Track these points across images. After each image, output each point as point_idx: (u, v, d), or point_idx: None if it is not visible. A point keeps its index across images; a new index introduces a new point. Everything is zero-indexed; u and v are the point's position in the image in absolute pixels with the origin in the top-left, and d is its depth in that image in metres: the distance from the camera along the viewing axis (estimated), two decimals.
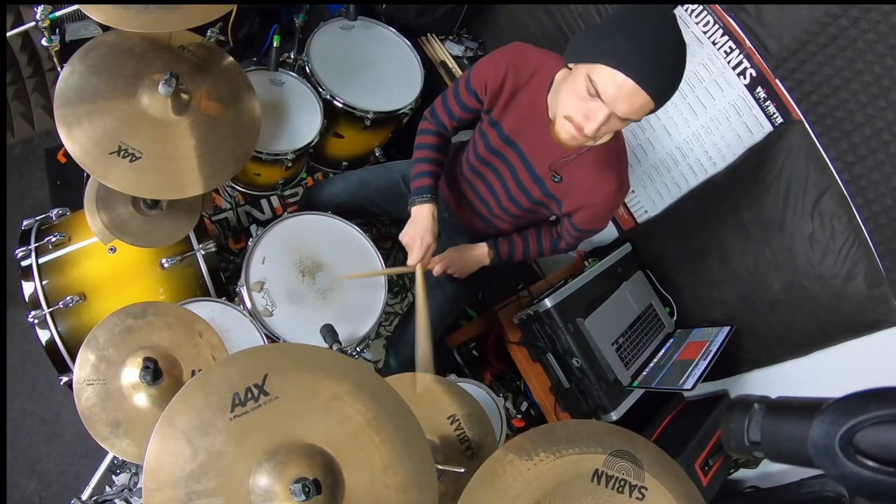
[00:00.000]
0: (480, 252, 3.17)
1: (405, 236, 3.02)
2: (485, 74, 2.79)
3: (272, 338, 2.98)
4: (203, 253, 3.14)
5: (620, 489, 1.96)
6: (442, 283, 3.34)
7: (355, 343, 3.11)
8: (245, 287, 3.03)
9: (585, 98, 2.30)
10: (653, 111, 2.29)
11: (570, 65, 2.39)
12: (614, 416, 3.44)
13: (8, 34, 3.14)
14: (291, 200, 4.58)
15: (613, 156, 2.72)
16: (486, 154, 3.00)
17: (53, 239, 2.95)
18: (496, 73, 2.74)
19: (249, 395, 1.76)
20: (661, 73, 2.20)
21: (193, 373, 2.38)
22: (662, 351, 3.78)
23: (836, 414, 1.59)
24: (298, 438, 1.78)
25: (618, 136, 2.72)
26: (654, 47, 2.17)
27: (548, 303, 3.45)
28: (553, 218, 3.17)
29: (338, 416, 1.84)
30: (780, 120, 3.17)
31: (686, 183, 3.70)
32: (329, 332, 2.82)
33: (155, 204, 2.96)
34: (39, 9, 2.72)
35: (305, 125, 3.80)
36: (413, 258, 2.96)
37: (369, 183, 3.60)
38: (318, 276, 3.19)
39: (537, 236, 3.19)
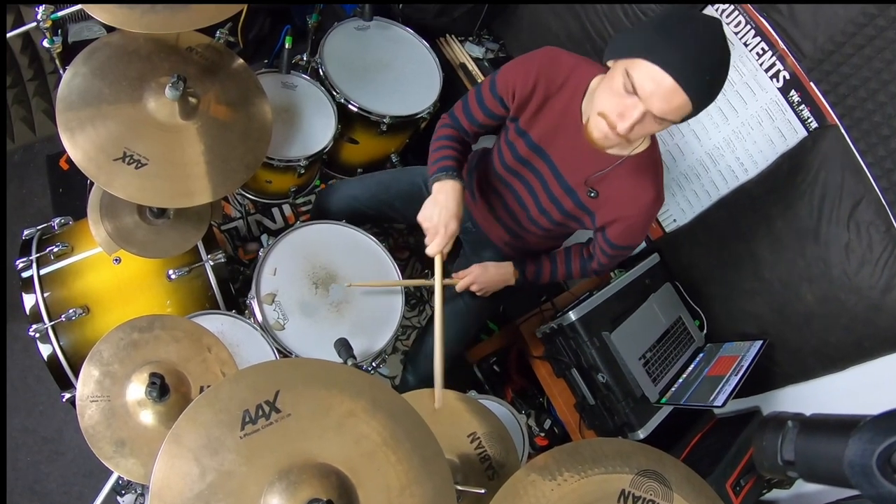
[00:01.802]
0: (506, 271, 3.16)
1: (424, 218, 2.83)
2: (513, 80, 2.76)
3: (284, 352, 2.98)
4: (212, 264, 3.14)
5: None
6: (462, 295, 3.33)
7: (371, 358, 3.11)
8: (256, 299, 3.04)
9: (622, 95, 2.29)
10: (690, 116, 2.28)
11: (609, 62, 2.38)
12: (641, 434, 3.43)
13: (8, 35, 3.16)
14: (304, 209, 4.58)
15: (651, 166, 2.71)
16: (514, 163, 2.98)
17: (55, 249, 2.95)
18: (525, 80, 2.71)
19: (260, 413, 1.76)
20: (702, 74, 2.19)
21: (202, 389, 2.37)
22: (692, 366, 3.77)
23: (874, 432, 1.59)
24: (312, 458, 1.78)
25: (654, 146, 2.71)
26: (697, 48, 2.17)
27: (572, 316, 3.44)
28: (585, 241, 3.16)
29: (353, 435, 1.84)
30: (814, 125, 3.16)
31: (716, 190, 3.69)
32: (343, 346, 2.82)
33: (161, 213, 2.96)
34: (41, 8, 2.72)
35: (319, 130, 3.81)
36: (434, 246, 2.79)
37: (389, 186, 3.58)
38: (331, 287, 3.20)
39: (566, 258, 3.17)
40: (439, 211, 2.79)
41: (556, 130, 2.76)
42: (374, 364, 3.14)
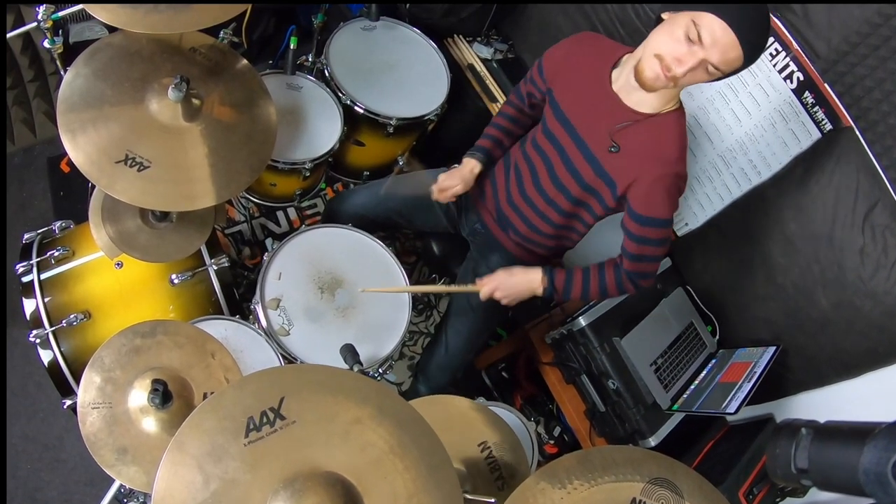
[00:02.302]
0: (533, 277, 3.01)
1: (444, 177, 3.25)
2: (557, 53, 3.01)
3: (289, 358, 2.98)
4: (215, 268, 3.15)
5: None
6: (473, 302, 3.33)
7: (377, 364, 3.12)
8: (260, 304, 3.04)
9: (682, 42, 2.44)
10: (738, 70, 2.50)
11: (666, 15, 2.55)
12: (653, 441, 3.44)
13: (8, 35, 3.16)
14: (309, 212, 4.59)
15: (675, 124, 2.75)
16: (542, 139, 3.05)
17: (56, 253, 2.96)
18: (565, 56, 2.98)
19: (265, 420, 1.75)
20: (757, 34, 2.45)
21: (205, 395, 2.37)
22: (704, 372, 3.77)
23: (889, 439, 1.59)
24: (317, 465, 1.77)
25: (682, 111, 2.77)
26: (755, 11, 2.42)
27: (582, 321, 3.44)
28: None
29: (359, 442, 1.83)
30: (828, 126, 3.16)
31: (729, 193, 3.68)
32: (349, 352, 2.81)
33: (164, 216, 2.97)
34: (41, 8, 2.71)
35: (324, 132, 3.81)
36: (440, 182, 3.23)
37: (396, 193, 3.57)
38: (337, 292, 3.20)
39: (599, 269, 3.01)
40: (452, 173, 3.27)
41: (581, 95, 2.87)
42: (380, 370, 3.14)
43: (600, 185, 2.88)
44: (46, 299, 2.91)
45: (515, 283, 3.03)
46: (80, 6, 2.90)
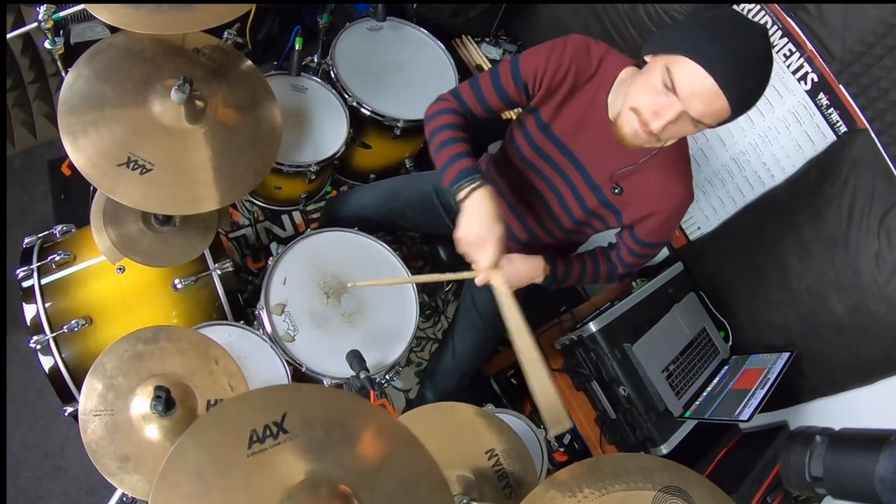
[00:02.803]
0: (535, 265, 2.93)
1: (465, 234, 2.56)
2: (542, 67, 2.63)
3: (294, 364, 2.99)
4: (219, 273, 3.14)
5: None
6: (480, 307, 3.33)
7: (384, 370, 3.11)
8: (265, 310, 3.04)
9: (659, 92, 2.25)
10: (726, 121, 2.26)
11: (648, 57, 2.35)
12: (664, 449, 3.43)
13: (8, 36, 3.15)
14: (315, 216, 4.58)
15: (682, 160, 2.68)
16: (533, 156, 2.92)
17: (57, 258, 2.95)
18: (558, 67, 2.61)
19: (268, 433, 1.76)
20: (746, 81, 2.18)
21: (209, 403, 2.37)
22: (717, 379, 3.76)
23: None
24: (319, 478, 1.77)
25: (683, 144, 2.67)
26: (744, 53, 2.15)
27: (592, 327, 3.43)
28: (611, 242, 3.08)
29: (360, 457, 1.85)
30: (843, 129, 3.16)
31: (742, 197, 3.68)
32: (356, 358, 2.80)
33: (167, 220, 2.96)
34: (42, 8, 2.71)
35: (330, 134, 3.82)
36: (486, 258, 2.55)
37: (398, 193, 3.57)
38: (343, 297, 3.19)
39: (594, 259, 3.06)
40: (478, 221, 2.54)
41: (580, 123, 2.72)
42: (387, 376, 3.14)
43: (605, 212, 2.88)
44: (47, 304, 2.90)
45: (517, 269, 2.91)
46: (81, 6, 2.90)
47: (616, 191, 2.74)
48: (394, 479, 1.85)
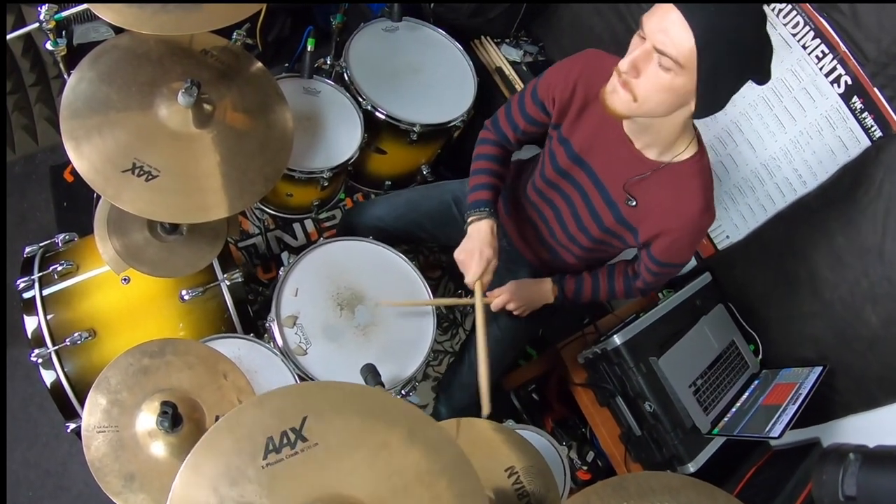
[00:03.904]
0: (544, 288, 3.14)
1: (460, 252, 2.95)
2: (553, 84, 2.78)
3: (306, 379, 2.96)
4: (228, 284, 3.14)
5: None
6: (499, 318, 3.32)
7: (400, 385, 3.10)
8: (275, 322, 3.04)
9: (636, 46, 2.30)
10: (699, 63, 2.20)
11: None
12: (692, 467, 3.41)
13: (8, 37, 3.15)
14: (328, 224, 4.59)
15: (697, 174, 2.65)
16: (555, 176, 2.97)
17: (59, 268, 2.95)
18: (566, 83, 2.73)
19: (285, 441, 1.75)
20: (711, 14, 2.14)
21: (217, 418, 2.35)
22: (746, 394, 3.74)
23: None
24: (339, 492, 1.76)
25: (701, 153, 2.67)
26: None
27: (617, 340, 3.42)
28: (630, 258, 3.12)
29: (385, 468, 1.82)
30: (878, 133, 3.14)
31: (773, 204, 3.67)
32: (370, 372, 2.80)
33: (174, 229, 2.97)
34: (43, 8, 2.71)
35: (343, 140, 3.80)
36: (470, 275, 2.90)
37: (418, 205, 3.58)
38: (357, 309, 3.18)
39: (609, 275, 3.13)
40: (472, 243, 2.93)
41: (595, 137, 2.76)
42: (403, 392, 3.13)
43: (622, 230, 2.90)
44: (49, 317, 2.90)
45: (527, 293, 3.14)
46: (84, 6, 2.89)
47: (630, 203, 2.75)
48: (428, 492, 1.83)
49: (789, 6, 3.33)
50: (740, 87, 2.35)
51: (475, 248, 2.90)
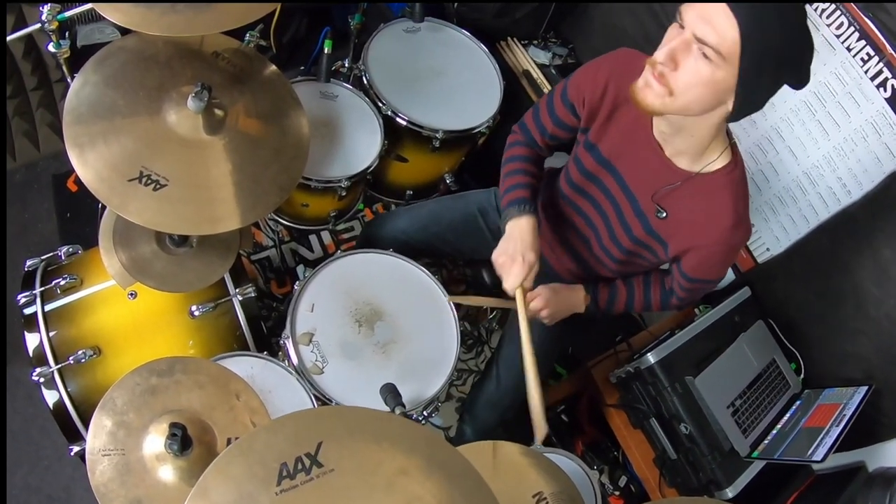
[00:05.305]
0: (577, 295, 3.08)
1: (499, 254, 2.87)
2: (583, 85, 2.75)
3: (323, 399, 2.97)
4: (241, 299, 3.14)
5: None
6: (531, 329, 3.30)
7: (422, 406, 3.09)
8: (290, 339, 3.03)
9: (672, 38, 2.28)
10: (742, 55, 2.15)
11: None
12: (730, 492, 3.40)
13: (8, 38, 3.15)
14: (345, 236, 4.59)
15: (729, 185, 2.62)
16: (582, 180, 2.95)
17: (62, 282, 2.95)
18: (595, 84, 2.69)
19: (300, 467, 1.73)
20: (756, 2, 2.11)
21: (229, 441, 2.34)
22: (787, 415, 3.73)
23: None
24: None
25: (736, 163, 2.63)
26: None
27: (651, 358, 3.42)
28: (665, 266, 3.09)
29: (403, 496, 1.79)
30: None
31: (815, 215, 3.65)
32: (390, 392, 2.79)
33: (183, 241, 2.96)
34: (45, 8, 2.71)
35: (362, 147, 3.80)
36: (511, 280, 2.82)
37: (441, 217, 3.57)
38: (377, 326, 3.18)
39: (645, 286, 3.11)
40: (514, 244, 2.86)
41: (625, 143, 2.74)
42: (425, 413, 3.12)
43: (653, 241, 2.87)
44: (51, 333, 2.90)
45: (559, 299, 3.05)
46: (88, 5, 2.89)
47: (660, 215, 2.73)
48: None
49: (833, 6, 3.31)
50: (779, 87, 2.30)
51: (517, 251, 2.83)
